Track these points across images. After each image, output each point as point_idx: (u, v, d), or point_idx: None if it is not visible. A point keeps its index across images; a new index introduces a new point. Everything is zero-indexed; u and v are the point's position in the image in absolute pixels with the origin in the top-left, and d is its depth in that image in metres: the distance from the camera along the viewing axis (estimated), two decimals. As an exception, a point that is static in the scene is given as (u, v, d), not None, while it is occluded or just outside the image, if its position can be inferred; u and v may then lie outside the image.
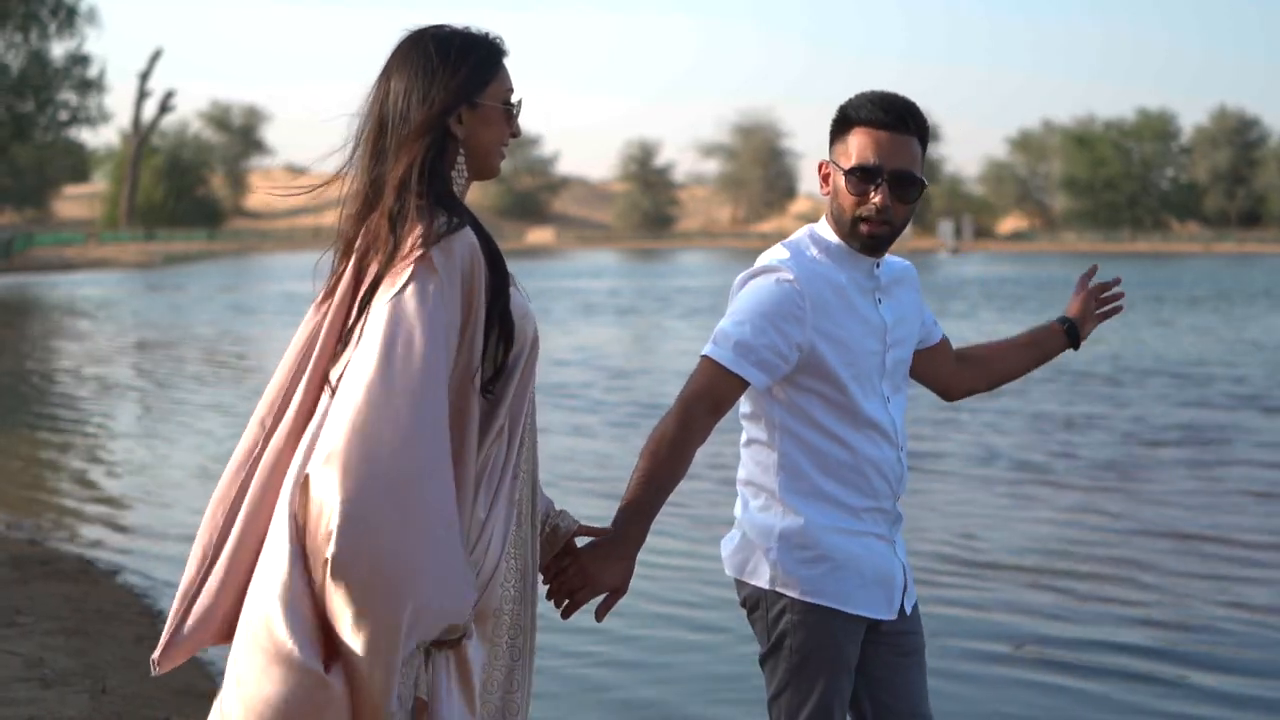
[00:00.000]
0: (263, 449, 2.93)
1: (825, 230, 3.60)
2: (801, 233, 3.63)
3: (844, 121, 3.54)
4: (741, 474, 3.64)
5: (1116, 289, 3.99)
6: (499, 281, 2.93)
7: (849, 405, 3.52)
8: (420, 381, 2.74)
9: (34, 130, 79.24)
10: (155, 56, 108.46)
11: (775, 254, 3.55)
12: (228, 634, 2.90)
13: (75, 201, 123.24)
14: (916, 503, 11.12)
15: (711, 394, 3.45)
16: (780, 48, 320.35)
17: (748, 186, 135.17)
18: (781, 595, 3.53)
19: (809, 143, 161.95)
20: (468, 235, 2.90)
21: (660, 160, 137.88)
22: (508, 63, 3.07)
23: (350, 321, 2.90)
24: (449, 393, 2.83)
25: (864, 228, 3.51)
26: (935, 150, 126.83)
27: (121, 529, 10.82)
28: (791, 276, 3.47)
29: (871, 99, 3.51)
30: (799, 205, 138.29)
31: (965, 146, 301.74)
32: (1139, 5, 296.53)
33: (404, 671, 2.75)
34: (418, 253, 2.83)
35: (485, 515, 2.91)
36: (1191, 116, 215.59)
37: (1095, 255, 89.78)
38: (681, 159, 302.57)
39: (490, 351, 2.92)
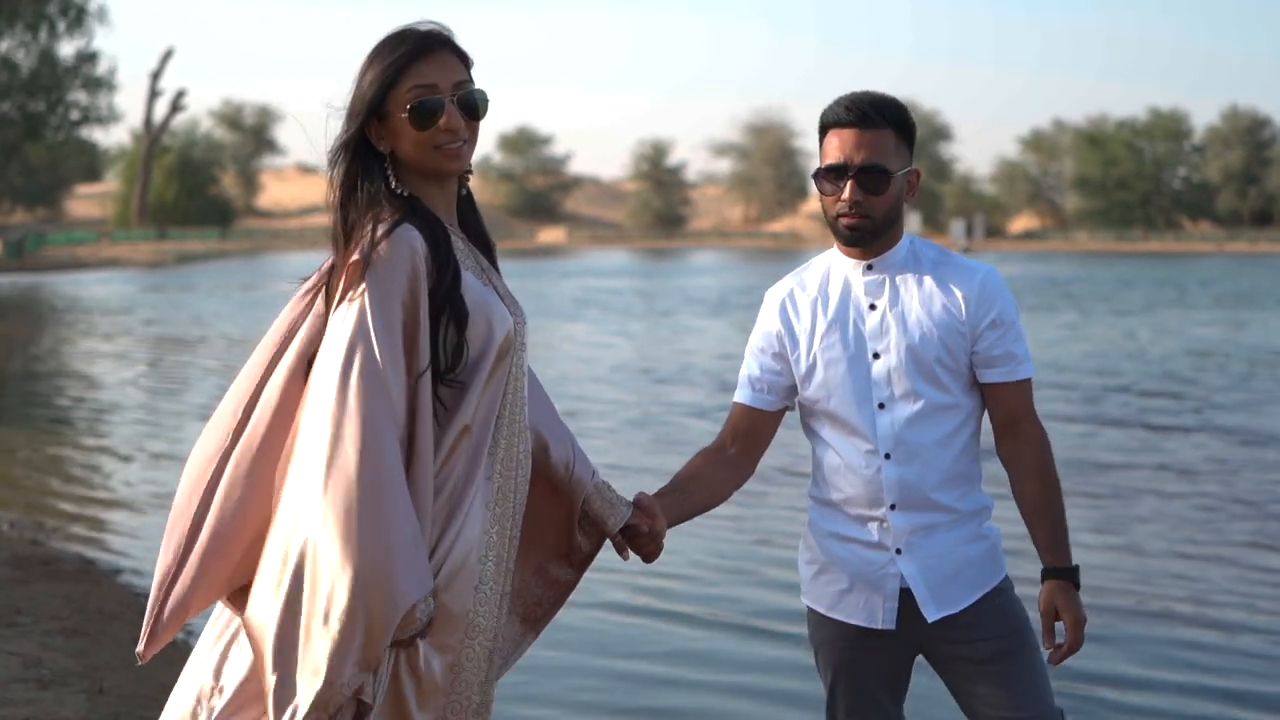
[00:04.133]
0: (234, 441, 2.95)
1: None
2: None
3: (820, 127, 3.65)
4: None
5: None
6: (441, 267, 2.92)
7: (832, 412, 3.61)
8: (362, 408, 2.79)
9: (46, 129, 79.38)
10: (166, 56, 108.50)
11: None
12: (199, 618, 3.01)
13: (87, 201, 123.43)
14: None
15: (736, 430, 3.74)
16: (790, 47, 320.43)
17: (760, 186, 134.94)
18: None
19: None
20: (404, 234, 2.89)
21: (672, 160, 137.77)
22: (440, 58, 3.00)
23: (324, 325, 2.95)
24: (401, 394, 2.86)
25: (843, 222, 3.58)
26: (946, 150, 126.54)
27: (123, 529, 10.82)
28: (767, 299, 3.74)
29: (839, 100, 3.60)
30: (811, 205, 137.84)
31: (976, 146, 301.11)
32: (1150, 4, 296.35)
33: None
34: (354, 259, 2.87)
35: (448, 516, 2.91)
36: (1204, 116, 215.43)
37: (1107, 255, 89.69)
38: (693, 158, 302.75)
39: (442, 337, 2.92)
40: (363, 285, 2.84)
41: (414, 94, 2.96)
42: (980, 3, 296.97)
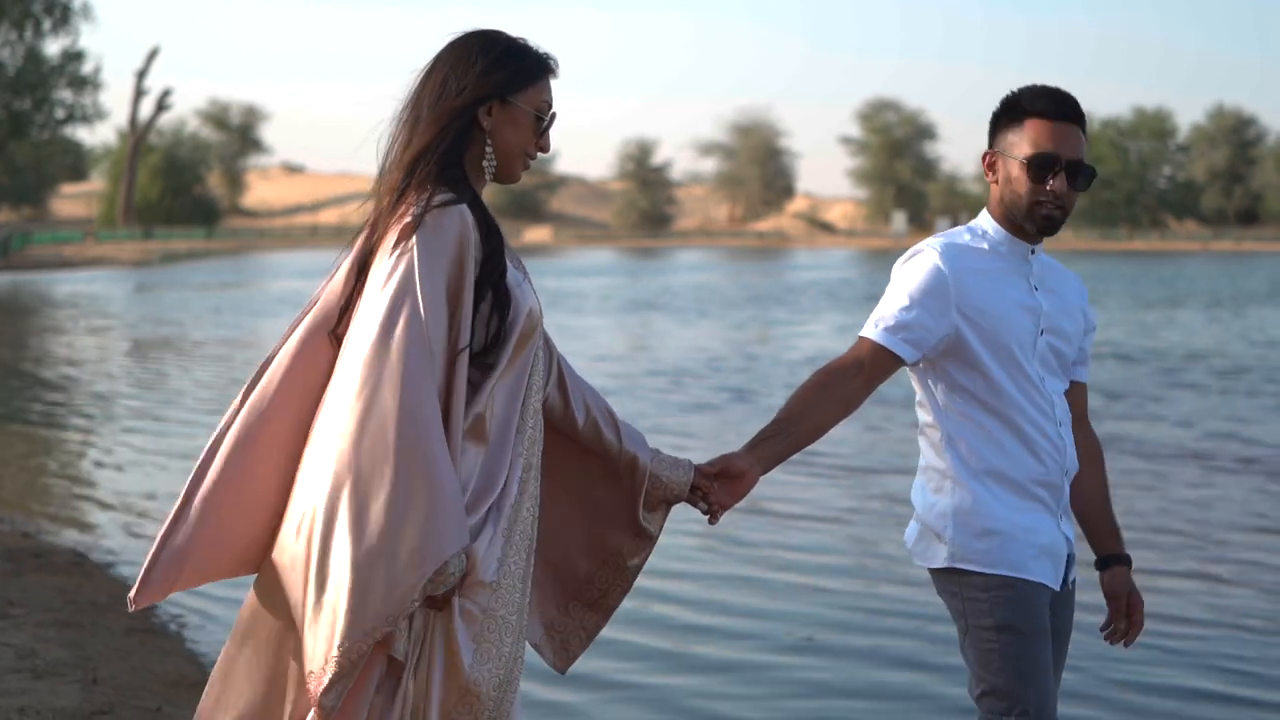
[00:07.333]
0: (243, 402, 3.06)
1: (984, 221, 3.77)
2: (960, 226, 3.82)
3: (1016, 112, 3.71)
4: (920, 460, 3.81)
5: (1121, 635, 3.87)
6: (491, 252, 3.00)
7: (1001, 383, 3.66)
8: (403, 357, 2.85)
9: (31, 128, 79.20)
10: (152, 55, 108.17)
11: (927, 240, 3.76)
12: (197, 578, 3.03)
13: (73, 200, 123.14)
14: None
15: (862, 366, 3.66)
16: (777, 45, 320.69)
17: (746, 185, 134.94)
18: (963, 572, 3.67)
19: (807, 141, 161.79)
20: (460, 209, 2.98)
21: (658, 159, 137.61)
22: (555, 84, 3.19)
23: (353, 287, 3.02)
24: (440, 359, 2.93)
25: (1042, 212, 3.69)
26: (932, 149, 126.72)
27: (115, 522, 10.83)
28: (938, 257, 3.68)
29: (1042, 92, 3.70)
30: (797, 204, 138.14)
31: (962, 145, 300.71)
32: (1136, 3, 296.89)
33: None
34: (405, 221, 2.95)
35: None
36: (1189, 115, 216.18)
37: (1092, 253, 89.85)
38: (679, 157, 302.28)
39: (484, 320, 3.00)
40: (411, 242, 2.92)
41: (545, 104, 3.14)
42: (968, 2, 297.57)
